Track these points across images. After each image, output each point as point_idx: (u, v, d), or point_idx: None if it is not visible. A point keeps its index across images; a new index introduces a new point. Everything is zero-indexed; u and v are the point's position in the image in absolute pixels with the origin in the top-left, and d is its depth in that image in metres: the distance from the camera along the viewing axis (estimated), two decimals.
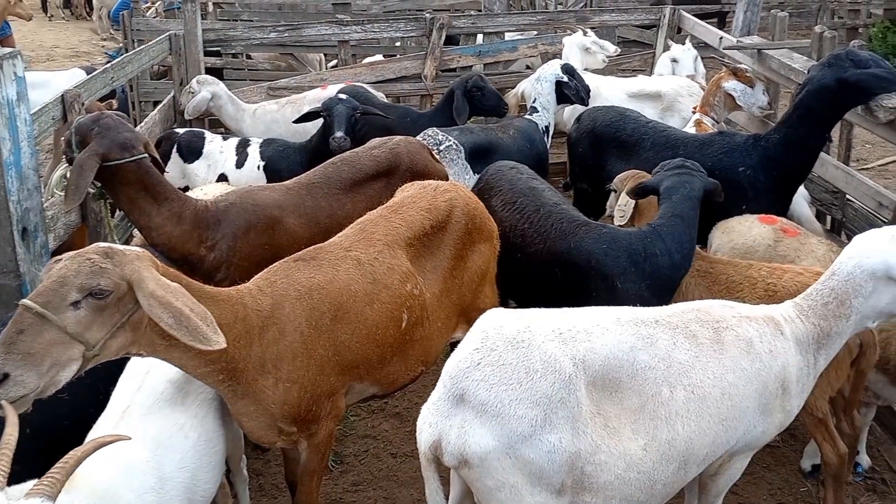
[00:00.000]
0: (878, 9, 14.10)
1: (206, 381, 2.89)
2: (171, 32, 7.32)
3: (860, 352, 3.64)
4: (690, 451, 2.84)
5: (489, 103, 6.18)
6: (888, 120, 4.48)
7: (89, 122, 3.77)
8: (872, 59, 4.46)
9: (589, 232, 4.03)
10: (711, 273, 4.05)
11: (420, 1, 11.94)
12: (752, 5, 6.90)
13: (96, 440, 2.24)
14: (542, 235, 4.14)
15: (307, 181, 4.44)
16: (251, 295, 3.02)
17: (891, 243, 3.01)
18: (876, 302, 3.04)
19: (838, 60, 4.44)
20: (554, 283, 4.08)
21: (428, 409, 2.75)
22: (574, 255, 3.97)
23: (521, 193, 4.37)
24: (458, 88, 6.10)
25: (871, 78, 4.35)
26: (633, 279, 3.86)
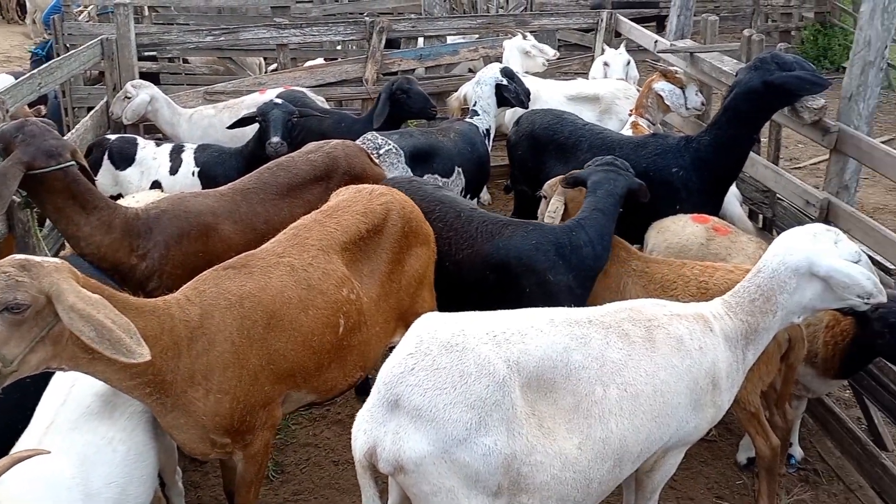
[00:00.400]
0: (809, 12, 14.54)
1: (133, 395, 2.82)
2: (103, 37, 7.15)
3: (789, 346, 3.74)
4: (625, 449, 2.88)
5: (415, 106, 6.06)
6: (813, 120, 4.61)
7: (13, 130, 3.65)
8: (797, 61, 4.59)
9: (516, 230, 4.11)
10: (647, 272, 4.14)
11: (361, 5, 11.89)
12: (685, 9, 7.04)
13: (13, 456, 2.17)
14: (468, 240, 4.16)
15: (242, 187, 4.37)
16: (179, 305, 2.96)
17: (813, 241, 3.10)
18: (800, 298, 3.13)
19: (764, 64, 4.56)
20: (486, 285, 4.10)
21: (362, 415, 2.73)
22: (504, 254, 4.04)
23: (437, 202, 4.35)
24: (383, 92, 6.06)
25: (795, 80, 4.47)
26: (563, 271, 3.97)
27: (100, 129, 6.63)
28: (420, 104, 6.06)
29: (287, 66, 8.12)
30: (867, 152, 4.38)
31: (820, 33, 13.99)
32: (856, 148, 4.46)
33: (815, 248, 3.09)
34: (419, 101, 6.04)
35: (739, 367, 3.22)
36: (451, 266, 4.16)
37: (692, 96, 5.89)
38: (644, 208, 4.76)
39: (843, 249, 3.10)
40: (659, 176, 4.87)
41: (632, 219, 4.74)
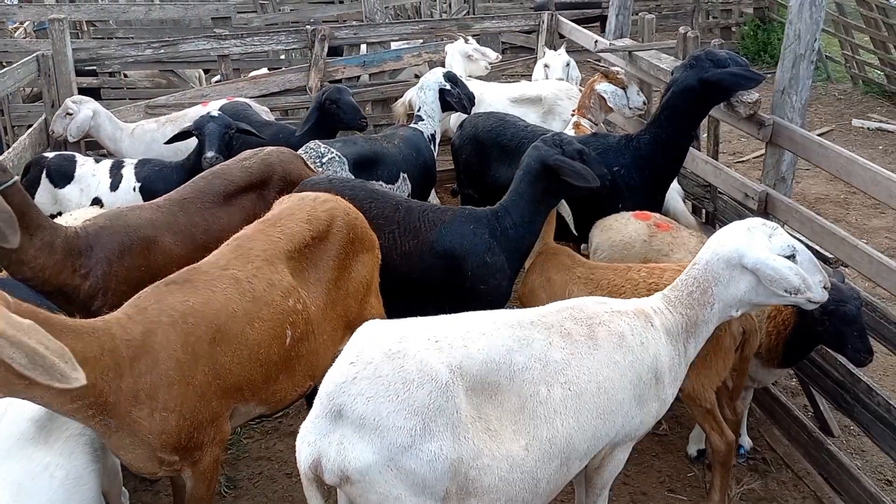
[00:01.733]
0: (749, 8, 14.84)
1: (76, 418, 2.76)
2: (38, 53, 7.00)
3: (743, 339, 3.79)
4: (571, 447, 2.90)
5: (346, 117, 5.91)
6: (748, 114, 4.70)
7: None
8: (730, 57, 4.67)
9: (455, 217, 4.30)
10: (593, 279, 4.16)
11: (303, 13, 11.82)
12: (623, 9, 7.13)
13: None
14: (412, 231, 4.27)
15: (179, 197, 4.32)
16: (119, 324, 2.90)
17: (746, 234, 3.16)
18: (735, 290, 3.18)
19: (699, 61, 4.63)
20: (434, 272, 4.23)
21: (306, 427, 2.71)
22: (448, 240, 4.23)
23: (371, 198, 4.38)
24: (315, 101, 6.01)
25: (730, 76, 4.55)
26: (497, 253, 4.22)
27: (39, 147, 6.50)
28: (351, 115, 5.94)
29: (230, 77, 8.04)
30: (801, 144, 4.48)
31: (759, 28, 14.30)
32: (790, 140, 4.55)
33: (746, 241, 3.15)
34: (350, 111, 5.93)
35: (681, 361, 3.26)
36: (399, 258, 4.20)
37: (634, 96, 5.97)
38: (587, 207, 4.83)
39: (776, 243, 3.15)
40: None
41: (576, 218, 4.80)
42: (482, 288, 4.24)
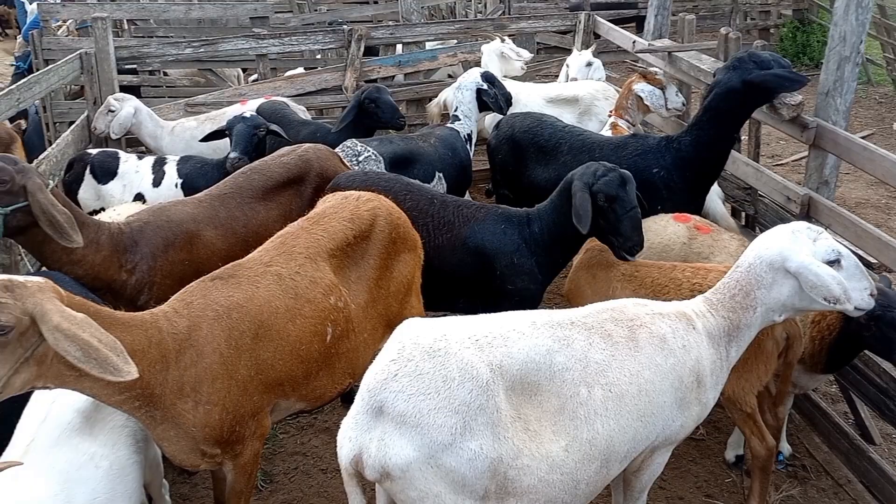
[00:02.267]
0: (788, 9, 14.63)
1: (122, 409, 2.81)
2: (82, 51, 7.11)
3: (787, 344, 3.73)
4: (611, 449, 2.88)
5: (384, 115, 5.96)
6: (791, 117, 4.64)
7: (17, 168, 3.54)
8: (774, 58, 4.62)
9: (488, 215, 4.33)
10: (637, 276, 4.13)
11: (340, 13, 11.88)
12: (662, 9, 7.08)
13: None
14: (447, 225, 4.31)
15: (218, 192, 4.39)
16: (166, 318, 2.95)
17: (790, 237, 3.12)
18: (777, 294, 3.14)
19: (742, 63, 4.58)
20: (464, 269, 4.27)
21: (347, 423, 2.73)
22: (479, 238, 4.26)
23: (406, 191, 4.42)
24: (353, 99, 6.05)
25: (773, 78, 4.49)
26: (526, 255, 4.24)
27: (81, 144, 6.60)
28: (389, 114, 5.99)
29: (267, 76, 8.11)
30: (845, 147, 4.41)
31: (798, 30, 14.10)
32: (834, 143, 4.49)
33: (790, 244, 3.11)
34: (388, 110, 5.98)
35: (723, 365, 3.22)
36: (432, 251, 4.23)
37: (672, 97, 5.92)
38: None
39: (820, 247, 3.11)
40: (640, 176, 4.86)
41: None
42: (510, 288, 4.25)
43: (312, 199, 4.55)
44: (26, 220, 3.57)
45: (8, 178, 3.50)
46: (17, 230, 3.61)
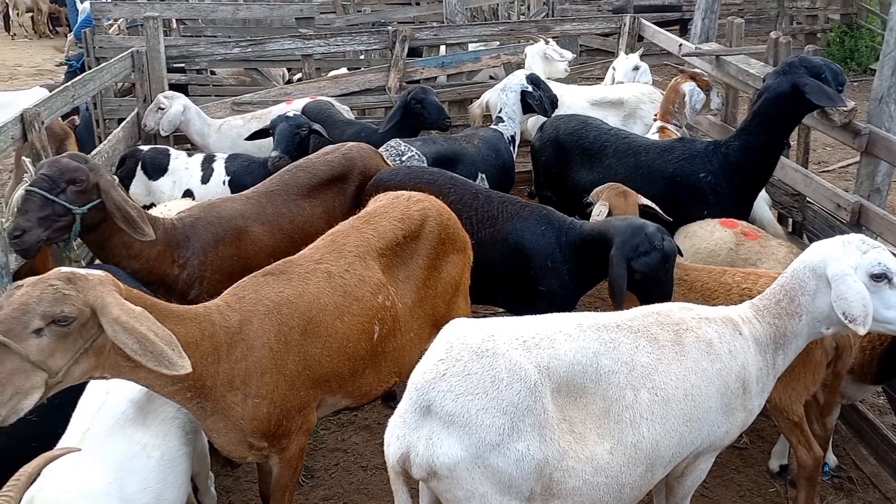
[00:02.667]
0: (835, 14, 14.39)
1: (175, 399, 2.87)
2: (133, 49, 7.26)
3: (836, 354, 3.67)
4: (656, 453, 2.87)
5: (430, 116, 6.05)
6: (843, 123, 4.58)
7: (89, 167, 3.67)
8: (825, 63, 4.55)
9: (532, 213, 4.33)
10: (686, 280, 4.10)
11: (384, 14, 11.95)
12: (709, 12, 7.02)
13: (45, 455, 2.22)
14: (490, 220, 4.34)
15: (265, 189, 4.47)
16: (219, 311, 3.00)
17: (840, 247, 3.06)
18: (821, 303, 3.05)
19: (793, 68, 4.53)
20: (503, 264, 4.29)
21: (395, 421, 2.75)
22: (519, 235, 4.28)
23: (451, 184, 4.46)
24: (399, 100, 6.10)
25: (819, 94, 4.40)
26: (558, 260, 4.23)
27: (131, 140, 6.74)
28: (435, 114, 6.07)
29: (312, 76, 8.19)
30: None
31: (846, 35, 13.87)
32: (887, 150, 4.42)
33: (835, 252, 3.04)
34: (434, 111, 6.05)
35: (770, 373, 3.18)
36: (473, 245, 4.22)
37: (714, 98, 5.86)
38: (671, 213, 4.76)
39: (866, 259, 3.01)
40: (686, 181, 4.86)
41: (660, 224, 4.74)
42: (541, 289, 4.26)
43: (356, 196, 4.63)
44: (99, 217, 3.68)
45: (84, 178, 3.61)
46: (89, 228, 3.71)
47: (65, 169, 3.60)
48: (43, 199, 3.54)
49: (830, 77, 4.52)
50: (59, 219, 3.58)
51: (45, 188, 3.55)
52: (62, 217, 3.58)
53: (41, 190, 3.55)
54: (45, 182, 3.56)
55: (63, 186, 3.57)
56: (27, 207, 3.54)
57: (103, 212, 3.66)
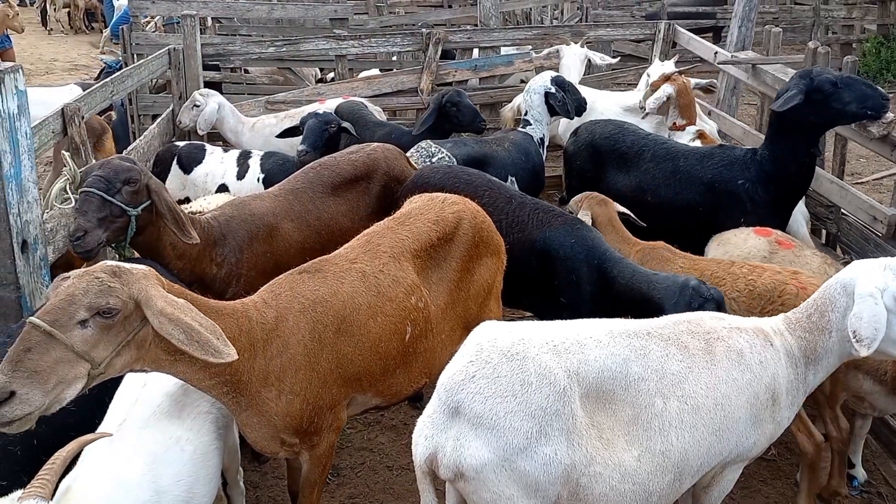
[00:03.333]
0: (872, 24, 14.21)
1: (211, 393, 2.91)
2: (170, 47, 7.37)
3: None
4: (685, 462, 2.86)
5: (464, 119, 6.09)
6: (882, 135, 4.52)
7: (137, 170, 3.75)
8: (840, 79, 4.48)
9: (564, 224, 4.32)
10: (696, 270, 4.18)
11: (417, 16, 12.01)
12: (746, 21, 6.96)
13: (79, 439, 2.27)
14: (520, 225, 4.34)
15: (291, 187, 4.53)
16: (256, 308, 3.04)
17: (876, 267, 2.98)
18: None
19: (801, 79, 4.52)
20: (529, 270, 4.28)
21: (423, 422, 2.76)
22: (547, 244, 4.26)
23: (485, 187, 4.47)
24: (432, 103, 6.12)
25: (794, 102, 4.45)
26: (583, 276, 4.18)
27: (166, 137, 6.84)
28: (469, 117, 6.09)
29: (345, 76, 8.25)
30: None
31: (883, 46, 13.68)
32: None
33: (868, 271, 2.98)
34: (468, 114, 6.08)
35: (800, 387, 3.13)
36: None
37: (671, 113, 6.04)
38: (706, 220, 4.75)
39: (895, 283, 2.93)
40: (725, 187, 4.85)
41: (694, 230, 4.74)
42: (563, 300, 4.25)
43: (380, 196, 4.68)
44: (149, 219, 3.75)
45: (137, 178, 3.68)
46: (141, 229, 3.78)
47: (119, 169, 3.66)
48: (101, 199, 3.60)
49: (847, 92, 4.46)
50: (116, 219, 3.64)
51: (103, 189, 3.60)
52: (119, 218, 3.64)
53: (99, 191, 3.60)
54: (102, 183, 3.61)
55: (119, 187, 3.63)
56: (86, 208, 3.58)
57: (152, 213, 3.72)
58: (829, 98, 4.48)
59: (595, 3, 13.33)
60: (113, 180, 3.63)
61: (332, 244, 4.36)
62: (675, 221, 5.08)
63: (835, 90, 4.46)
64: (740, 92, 7.47)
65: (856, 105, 4.46)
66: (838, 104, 4.47)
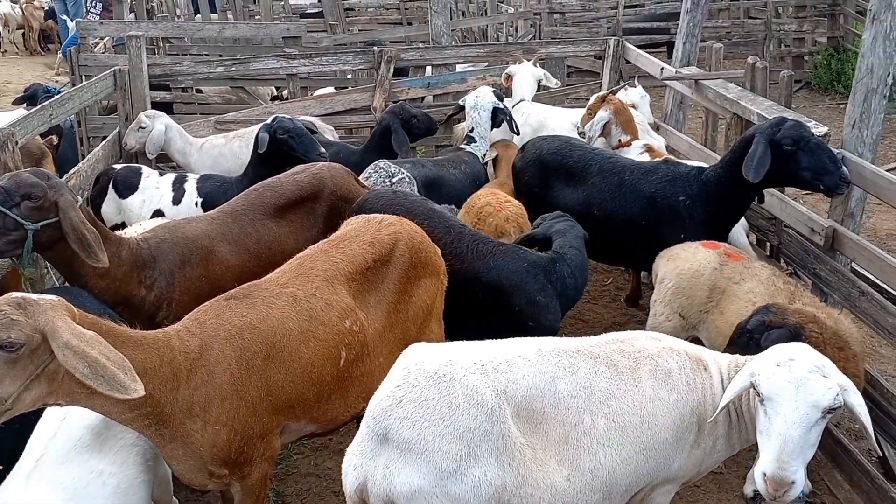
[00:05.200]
0: (822, 37, 14.49)
1: (132, 427, 2.84)
2: (115, 68, 7.27)
3: None
4: (613, 481, 2.85)
5: (424, 126, 6.32)
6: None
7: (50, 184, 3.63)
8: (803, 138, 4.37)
9: (507, 252, 4.28)
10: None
11: (372, 34, 12.01)
12: (690, 37, 7.06)
13: None
14: (458, 257, 4.26)
15: (231, 209, 4.46)
16: (179, 336, 2.98)
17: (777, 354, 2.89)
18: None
19: (770, 128, 4.45)
20: (474, 301, 4.22)
21: (352, 450, 2.73)
22: (496, 274, 4.20)
23: (425, 216, 4.38)
24: (393, 122, 6.09)
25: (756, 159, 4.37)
26: (550, 294, 4.21)
27: (112, 159, 6.72)
28: (427, 123, 6.33)
29: (297, 95, 8.20)
30: (871, 180, 4.34)
31: (833, 58, 13.95)
32: (859, 175, 4.42)
33: (770, 368, 2.84)
34: (426, 120, 6.32)
35: (733, 430, 3.06)
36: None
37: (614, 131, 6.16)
38: (650, 234, 4.77)
39: (762, 371, 2.83)
40: (666, 202, 4.86)
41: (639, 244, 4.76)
42: (531, 325, 4.17)
43: (327, 216, 4.61)
44: (55, 236, 3.64)
45: (41, 195, 3.57)
46: (46, 245, 3.68)
47: (22, 183, 3.56)
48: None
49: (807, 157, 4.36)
50: (10, 232, 3.53)
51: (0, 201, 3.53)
52: (13, 231, 3.53)
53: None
54: (0, 195, 3.53)
55: (17, 200, 3.53)
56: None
57: (60, 231, 3.62)
58: (785, 156, 4.39)
59: (551, 20, 13.44)
60: (13, 193, 3.53)
61: (274, 268, 4.28)
62: (621, 235, 5.10)
63: (794, 150, 4.37)
64: (687, 106, 7.55)
65: (810, 174, 4.38)
66: (793, 165, 4.39)
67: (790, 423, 2.71)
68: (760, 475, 2.75)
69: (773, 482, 2.71)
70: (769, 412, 2.77)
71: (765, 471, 2.74)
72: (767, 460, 2.74)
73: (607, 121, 6.03)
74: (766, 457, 2.76)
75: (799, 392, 2.73)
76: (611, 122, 6.04)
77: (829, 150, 4.40)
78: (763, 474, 2.74)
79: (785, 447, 2.71)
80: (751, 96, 5.69)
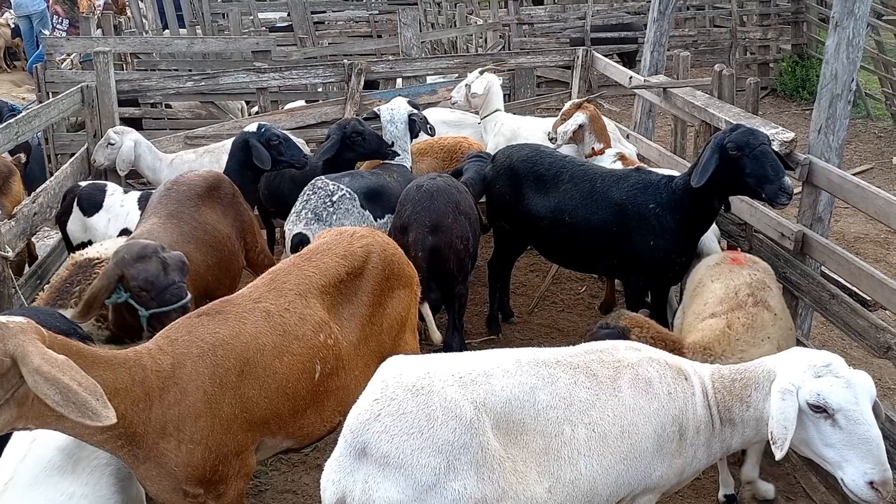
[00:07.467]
0: (787, 44, 14.72)
1: (105, 448, 2.80)
2: (83, 84, 7.19)
3: None
4: (594, 491, 2.84)
5: (370, 146, 5.91)
6: (784, 153, 4.62)
7: None
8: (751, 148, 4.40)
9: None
10: None
11: (342, 47, 12.00)
12: (658, 45, 7.13)
13: None
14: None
15: (165, 212, 4.56)
16: (150, 355, 2.93)
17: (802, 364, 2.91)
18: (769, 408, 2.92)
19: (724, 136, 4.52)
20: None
21: (330, 465, 2.70)
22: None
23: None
24: (334, 133, 5.89)
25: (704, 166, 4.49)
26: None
27: (80, 176, 6.65)
28: (375, 144, 5.91)
29: (268, 109, 8.17)
30: (838, 185, 4.40)
31: (797, 65, 14.17)
32: (826, 180, 4.48)
33: (790, 365, 2.92)
34: (374, 141, 5.91)
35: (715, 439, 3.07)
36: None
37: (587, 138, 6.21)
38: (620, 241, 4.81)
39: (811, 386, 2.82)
40: (636, 210, 4.89)
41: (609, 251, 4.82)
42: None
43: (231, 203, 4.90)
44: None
45: None
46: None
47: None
48: None
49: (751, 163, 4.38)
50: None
51: None
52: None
53: None
54: None
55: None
56: None
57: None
58: (730, 161, 4.43)
59: (520, 31, 13.52)
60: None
61: (225, 254, 4.70)
62: (592, 241, 5.14)
63: (739, 155, 4.40)
64: (656, 115, 7.63)
65: (753, 181, 4.42)
66: (738, 171, 4.43)
67: (870, 425, 2.75)
68: (865, 486, 2.72)
69: (884, 486, 2.72)
70: (842, 423, 2.76)
71: (871, 480, 2.72)
72: (864, 469, 2.73)
73: (581, 125, 6.04)
74: (860, 466, 2.74)
75: (860, 392, 2.79)
76: (585, 128, 6.06)
77: (774, 160, 4.40)
78: (870, 483, 2.72)
79: (877, 449, 2.74)
80: (718, 103, 5.76)
